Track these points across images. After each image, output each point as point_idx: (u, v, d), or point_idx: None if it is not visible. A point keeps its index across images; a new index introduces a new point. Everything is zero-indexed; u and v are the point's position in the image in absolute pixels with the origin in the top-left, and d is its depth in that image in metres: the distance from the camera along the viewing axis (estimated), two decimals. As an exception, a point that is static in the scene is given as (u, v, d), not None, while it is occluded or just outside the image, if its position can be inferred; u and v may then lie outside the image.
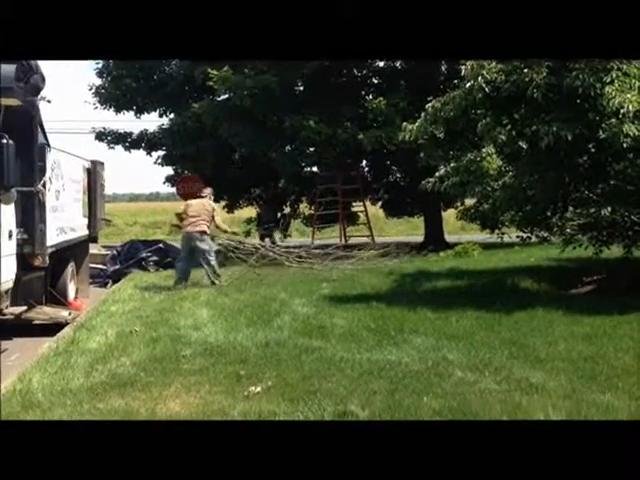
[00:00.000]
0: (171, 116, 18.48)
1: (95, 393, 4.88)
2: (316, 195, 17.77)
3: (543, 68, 7.11)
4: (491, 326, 6.72)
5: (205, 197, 10.87)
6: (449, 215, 20.59)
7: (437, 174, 9.08)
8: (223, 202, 19.37)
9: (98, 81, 18.70)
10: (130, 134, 19.58)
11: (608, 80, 6.81)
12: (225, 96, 15.85)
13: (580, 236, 9.17)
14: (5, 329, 7.47)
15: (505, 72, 7.33)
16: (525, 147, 7.93)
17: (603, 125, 6.94)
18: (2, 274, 6.75)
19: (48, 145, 8.13)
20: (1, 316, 7.32)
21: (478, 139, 8.33)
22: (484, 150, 8.38)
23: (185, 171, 19.04)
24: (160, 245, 15.01)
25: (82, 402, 4.66)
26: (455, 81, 10.77)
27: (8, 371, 5.77)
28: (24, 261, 7.63)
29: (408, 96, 14.95)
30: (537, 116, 7.35)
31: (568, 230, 9.17)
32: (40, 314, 8.15)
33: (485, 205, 9.99)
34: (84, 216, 10.56)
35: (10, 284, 7.21)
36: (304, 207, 20.89)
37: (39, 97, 8.09)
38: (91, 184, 10.93)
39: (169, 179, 20.29)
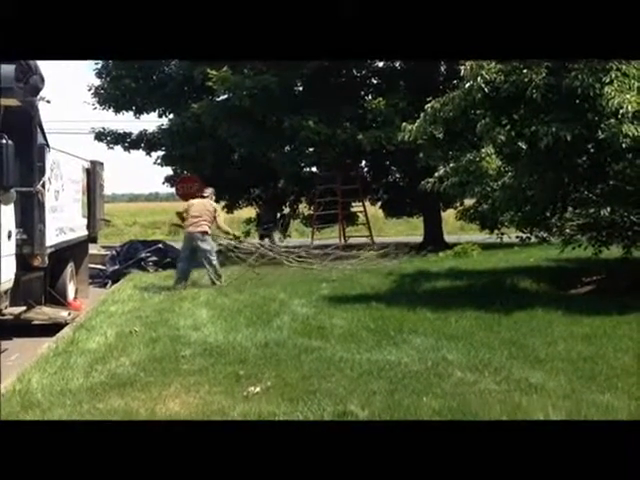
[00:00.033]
0: (170, 116, 18.46)
1: (95, 393, 4.88)
2: (315, 195, 17.77)
3: (542, 68, 7.11)
4: (490, 326, 6.72)
5: (207, 197, 10.88)
6: (448, 215, 20.58)
7: (436, 174, 9.09)
8: (223, 202, 19.34)
9: (97, 81, 18.74)
10: (129, 134, 19.59)
11: (607, 80, 6.81)
12: (224, 96, 15.83)
13: (579, 236, 9.17)
14: (5, 329, 7.47)
15: (504, 72, 7.33)
16: (524, 147, 7.94)
17: (602, 125, 6.94)
18: (2, 274, 6.75)
19: (47, 145, 8.13)
20: (1, 316, 7.32)
21: (477, 139, 8.33)
22: (483, 150, 8.38)
23: (184, 171, 19.02)
24: (159, 245, 15.01)
25: (82, 402, 4.66)
26: (454, 81, 10.79)
27: (8, 371, 5.76)
28: (23, 261, 7.62)
29: (407, 96, 14.95)
30: (536, 116, 7.35)
31: (567, 230, 9.17)
32: (39, 314, 8.15)
33: (484, 205, 10.00)
34: (83, 216, 10.55)
35: (9, 284, 7.21)
36: (303, 207, 20.87)
37: (38, 97, 8.07)
38: (90, 184, 10.92)
39: (168, 179, 20.28)
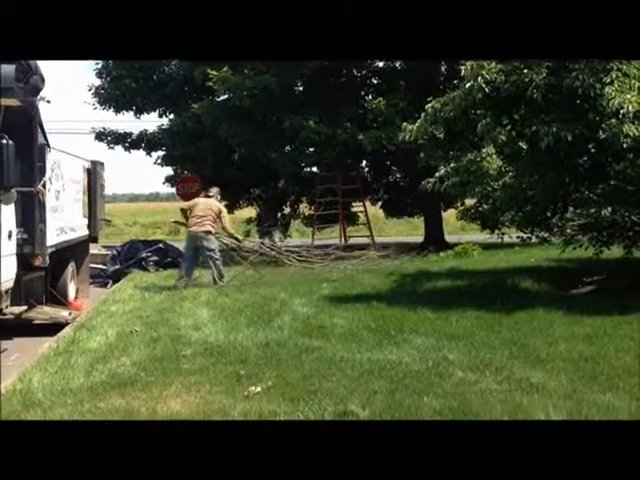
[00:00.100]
0: (171, 116, 18.46)
1: (95, 393, 4.88)
2: (316, 195, 17.75)
3: (543, 68, 7.11)
4: (491, 326, 6.72)
5: (212, 197, 10.87)
6: (449, 215, 20.58)
7: (437, 174, 9.07)
8: (223, 202, 19.27)
9: (98, 81, 18.74)
10: (130, 134, 19.58)
11: (608, 80, 6.81)
12: (225, 96, 15.82)
13: (580, 236, 9.18)
14: (5, 329, 7.46)
15: (505, 72, 7.33)
16: (525, 147, 7.94)
17: (603, 125, 6.94)
18: (2, 274, 6.75)
19: (48, 145, 8.13)
20: (1, 316, 7.32)
21: (478, 139, 8.32)
22: (484, 150, 8.37)
23: (185, 171, 19.00)
24: (160, 245, 15.00)
25: (82, 402, 4.66)
26: (455, 81, 10.77)
27: (8, 371, 5.76)
28: (24, 261, 7.62)
29: (408, 96, 14.94)
30: (537, 116, 7.35)
31: (568, 230, 9.17)
32: (40, 314, 8.15)
33: (485, 205, 9.99)
34: (84, 216, 10.56)
35: (10, 284, 7.21)
36: (304, 207, 20.85)
37: (39, 97, 8.08)
38: (91, 184, 10.92)
39: (169, 179, 20.28)
